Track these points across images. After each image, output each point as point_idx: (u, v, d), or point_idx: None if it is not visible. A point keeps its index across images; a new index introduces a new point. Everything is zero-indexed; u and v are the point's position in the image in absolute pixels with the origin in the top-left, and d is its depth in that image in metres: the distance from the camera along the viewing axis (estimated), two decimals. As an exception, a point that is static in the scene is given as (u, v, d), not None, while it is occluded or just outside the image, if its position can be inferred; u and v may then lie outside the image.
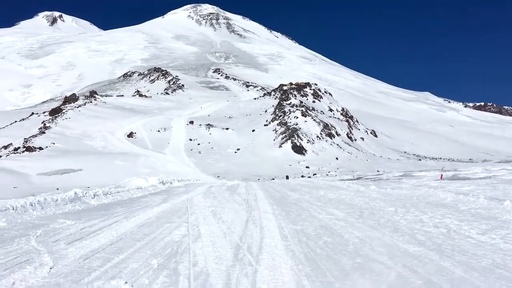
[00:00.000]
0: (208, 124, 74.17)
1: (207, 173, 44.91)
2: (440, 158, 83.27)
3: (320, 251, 6.57)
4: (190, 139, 65.10)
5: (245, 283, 4.97)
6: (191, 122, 74.80)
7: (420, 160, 75.16)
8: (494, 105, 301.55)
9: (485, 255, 5.87)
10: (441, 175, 20.38)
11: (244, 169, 50.21)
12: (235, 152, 61.23)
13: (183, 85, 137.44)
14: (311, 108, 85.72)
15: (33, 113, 73.38)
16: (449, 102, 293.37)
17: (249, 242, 7.35)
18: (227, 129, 73.65)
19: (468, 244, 6.61)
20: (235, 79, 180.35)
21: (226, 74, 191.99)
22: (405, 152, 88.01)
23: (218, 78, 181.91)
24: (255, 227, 8.86)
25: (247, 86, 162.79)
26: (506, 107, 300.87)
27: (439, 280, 4.80)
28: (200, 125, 73.92)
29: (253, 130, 74.76)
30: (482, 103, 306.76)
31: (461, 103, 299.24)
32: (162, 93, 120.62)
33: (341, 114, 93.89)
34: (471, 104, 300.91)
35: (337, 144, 72.15)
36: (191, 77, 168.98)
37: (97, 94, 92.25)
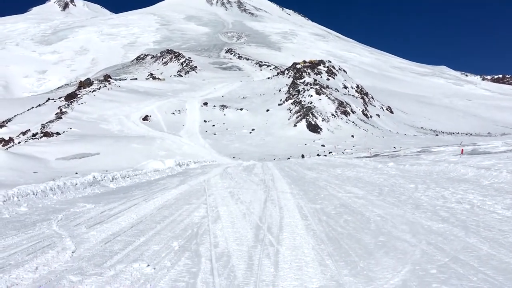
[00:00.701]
0: (222, 105, 74.08)
1: (223, 154, 45.02)
2: (458, 133, 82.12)
3: (341, 230, 6.49)
4: (205, 121, 65.15)
5: (268, 263, 4.92)
6: (205, 104, 74.76)
7: (437, 135, 74.22)
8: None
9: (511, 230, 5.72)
10: (462, 150, 20.04)
11: (259, 149, 50.20)
12: (250, 133, 61.17)
13: (196, 67, 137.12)
14: (325, 85, 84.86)
15: (49, 99, 74.08)
16: (466, 75, 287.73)
17: (269, 222, 7.30)
18: (241, 109, 73.49)
19: (493, 220, 6.45)
20: (247, 59, 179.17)
21: (238, 54, 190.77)
22: (421, 127, 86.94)
23: (230, 59, 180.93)
24: (274, 207, 8.81)
25: (260, 66, 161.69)
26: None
27: (466, 257, 4.68)
28: (214, 106, 73.87)
29: (267, 110, 74.44)
30: (501, 76, 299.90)
31: (478, 76, 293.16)
32: (175, 75, 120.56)
33: (356, 91, 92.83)
34: (489, 77, 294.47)
35: (353, 122, 71.54)
36: (204, 58, 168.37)
37: (111, 78, 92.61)
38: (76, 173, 24.81)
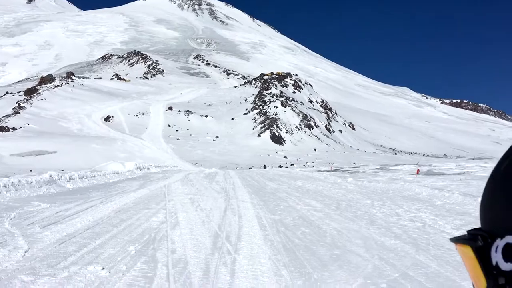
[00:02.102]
0: (188, 111, 73.62)
1: (185, 160, 44.68)
2: (416, 153, 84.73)
3: (298, 241, 6.61)
4: (169, 125, 64.53)
5: (224, 271, 4.97)
6: (170, 108, 74.10)
7: (396, 154, 76.30)
8: (470, 102, 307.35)
9: (459, 249, 5.99)
10: (418, 170, 20.75)
11: (222, 157, 50.13)
12: (214, 140, 61.01)
13: (163, 70, 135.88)
14: (291, 98, 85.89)
15: (7, 92, 71.52)
16: (427, 98, 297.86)
17: (227, 230, 7.34)
18: (206, 116, 73.26)
19: (442, 239, 6.74)
20: (216, 66, 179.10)
21: (207, 61, 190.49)
22: (381, 145, 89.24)
23: (198, 65, 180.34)
24: (234, 216, 8.86)
25: (228, 74, 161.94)
26: (481, 105, 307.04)
27: (415, 274, 4.88)
28: (179, 111, 73.33)
29: (232, 119, 74.55)
30: (458, 100, 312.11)
31: (438, 99, 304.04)
32: (141, 77, 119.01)
33: (321, 105, 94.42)
34: (447, 101, 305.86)
35: (316, 136, 72.62)
36: (172, 62, 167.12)
37: (74, 76, 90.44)
38: (31, 170, 24.05)
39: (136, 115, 66.58)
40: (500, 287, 0.52)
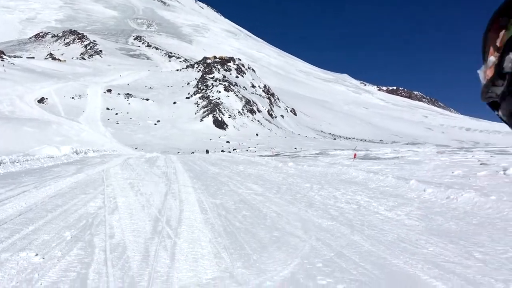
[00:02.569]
0: (127, 94, 71.54)
1: (125, 144, 43.57)
2: (354, 138, 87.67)
3: (239, 224, 6.69)
4: (108, 108, 62.44)
5: (164, 255, 4.94)
6: (109, 91, 71.67)
7: (335, 139, 78.58)
8: (405, 89, 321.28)
9: (391, 229, 6.32)
10: (355, 154, 21.50)
11: (163, 141, 49.35)
12: (155, 124, 59.82)
13: (101, 51, 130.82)
14: (234, 83, 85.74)
15: None
16: (365, 85, 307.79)
17: (168, 215, 7.29)
18: (147, 99, 71.57)
19: (376, 220, 7.07)
20: (157, 49, 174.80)
21: (148, 43, 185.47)
22: (322, 131, 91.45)
23: (139, 46, 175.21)
24: (175, 200, 8.80)
25: (170, 57, 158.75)
26: (415, 92, 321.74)
27: (350, 253, 5.10)
28: (118, 94, 71.11)
29: (174, 102, 73.35)
30: (395, 87, 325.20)
31: (375, 87, 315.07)
32: (77, 58, 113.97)
33: (263, 90, 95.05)
34: (384, 88, 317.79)
35: (258, 121, 73.14)
36: (110, 43, 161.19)
37: (5, 54, 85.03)
38: (-44, 155, 22.49)
39: (73, 97, 63.88)
40: None
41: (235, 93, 77.49)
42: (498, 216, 7.04)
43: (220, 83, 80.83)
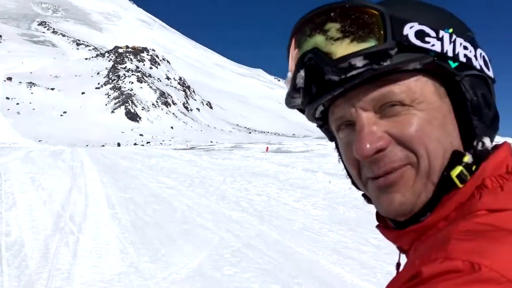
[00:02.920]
0: (30, 83, 66.85)
1: (27, 137, 40.72)
2: (268, 132, 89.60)
3: (148, 219, 6.57)
4: (7, 98, 57.91)
5: (66, 252, 4.71)
6: (9, 79, 66.46)
7: (250, 133, 79.79)
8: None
9: (297, 219, 6.57)
10: (267, 148, 22.00)
11: (71, 134, 46.85)
12: (61, 115, 56.57)
13: (0, 36, 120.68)
14: (147, 74, 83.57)
15: None
16: (279, 80, 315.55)
17: (72, 210, 6.95)
18: (52, 89, 67.41)
19: (284, 210, 7.30)
20: (64, 35, 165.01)
21: (53, 29, 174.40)
22: (237, 124, 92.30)
23: (44, 32, 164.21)
24: (80, 195, 8.41)
25: (78, 45, 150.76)
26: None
27: (257, 243, 5.23)
28: (20, 82, 66.23)
29: (83, 93, 69.85)
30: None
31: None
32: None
33: (179, 83, 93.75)
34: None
35: (173, 113, 72.05)
36: (11, 28, 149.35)
37: None
38: None
39: (-34, 85, 58.49)
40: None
41: (148, 84, 75.71)
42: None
43: (132, 74, 78.48)
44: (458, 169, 0.55)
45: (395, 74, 0.55)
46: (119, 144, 40.62)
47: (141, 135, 52.92)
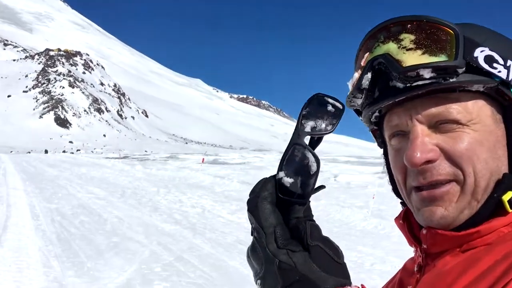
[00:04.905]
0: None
1: None
2: (205, 143, 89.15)
3: (75, 230, 6.27)
4: None
5: (-19, 268, 4.38)
6: None
7: (187, 143, 78.97)
8: (254, 98, 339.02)
9: (231, 232, 6.56)
10: (203, 159, 21.85)
11: (-7, 138, 43.94)
12: (-16, 119, 52.92)
13: None
14: (80, 79, 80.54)
15: None
16: (217, 91, 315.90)
17: (-10, 221, 6.49)
18: (-26, 90, 63.03)
19: (218, 223, 7.27)
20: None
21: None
22: (174, 134, 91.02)
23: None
24: (1, 205, 7.89)
25: (5, 45, 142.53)
26: (263, 102, 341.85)
27: (189, 256, 5.15)
28: None
29: (8, 96, 65.95)
30: (245, 96, 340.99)
31: (227, 94, 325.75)
32: None
33: (113, 89, 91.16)
34: (235, 96, 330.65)
35: (106, 121, 69.78)
36: None
37: None
38: None
39: None
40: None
41: (81, 90, 73.04)
42: (326, 218, 7.81)
43: (64, 78, 75.39)
44: (510, 194, 0.56)
45: (456, 93, 0.57)
46: (46, 151, 38.71)
47: (71, 142, 50.78)
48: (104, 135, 59.89)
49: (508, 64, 0.57)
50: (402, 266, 0.73)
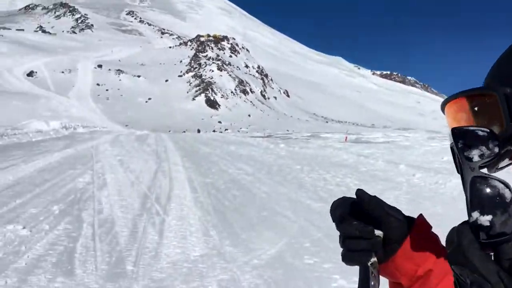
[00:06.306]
0: (118, 70, 70.77)
1: (115, 121, 43.27)
2: (346, 122, 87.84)
3: (228, 203, 6.70)
4: (98, 84, 61.83)
5: (152, 232, 4.94)
6: (100, 66, 70.85)
7: (327, 122, 78.67)
8: (399, 74, 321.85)
9: (378, 212, 6.38)
10: (346, 137, 21.55)
11: (154, 119, 49.09)
12: (146, 102, 59.40)
13: (92, 25, 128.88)
14: (227, 62, 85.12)
15: None
16: (359, 68, 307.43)
17: (157, 192, 7.27)
18: (138, 76, 70.88)
19: (364, 202, 7.11)
20: (150, 24, 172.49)
21: (140, 18, 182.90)
22: (314, 113, 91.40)
23: (131, 22, 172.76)
24: (165, 178, 8.78)
25: (162, 33, 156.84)
26: (409, 78, 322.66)
27: (337, 233, 5.14)
28: (109, 70, 70.35)
29: (166, 80, 72.76)
30: (388, 72, 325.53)
31: (369, 71, 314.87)
32: (68, 32, 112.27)
33: (257, 71, 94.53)
34: (378, 72, 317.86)
35: (251, 101, 72.91)
36: (102, 17, 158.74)
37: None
38: None
39: (62, 72, 63.14)
40: None
41: (228, 72, 77.09)
42: None
43: (213, 62, 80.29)
44: None
45: None
46: (199, 131, 41.91)
47: (219, 122, 54.17)
48: (249, 115, 62.91)
49: None
50: None
